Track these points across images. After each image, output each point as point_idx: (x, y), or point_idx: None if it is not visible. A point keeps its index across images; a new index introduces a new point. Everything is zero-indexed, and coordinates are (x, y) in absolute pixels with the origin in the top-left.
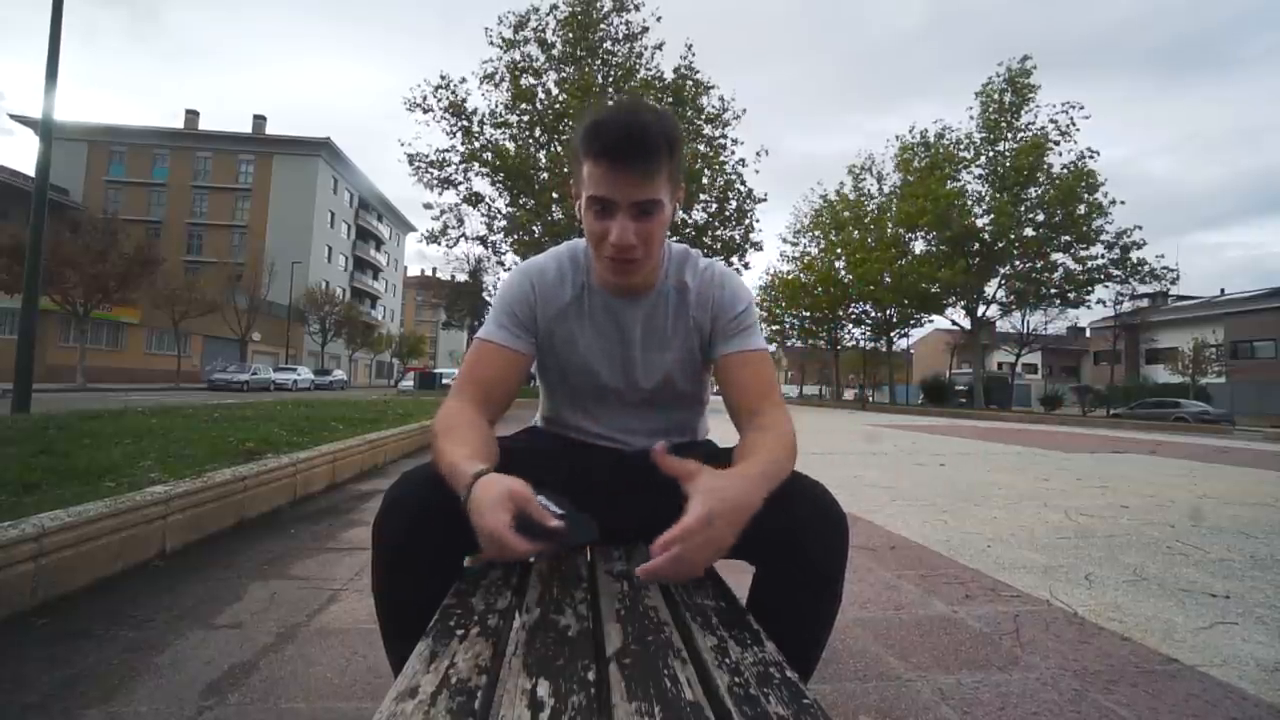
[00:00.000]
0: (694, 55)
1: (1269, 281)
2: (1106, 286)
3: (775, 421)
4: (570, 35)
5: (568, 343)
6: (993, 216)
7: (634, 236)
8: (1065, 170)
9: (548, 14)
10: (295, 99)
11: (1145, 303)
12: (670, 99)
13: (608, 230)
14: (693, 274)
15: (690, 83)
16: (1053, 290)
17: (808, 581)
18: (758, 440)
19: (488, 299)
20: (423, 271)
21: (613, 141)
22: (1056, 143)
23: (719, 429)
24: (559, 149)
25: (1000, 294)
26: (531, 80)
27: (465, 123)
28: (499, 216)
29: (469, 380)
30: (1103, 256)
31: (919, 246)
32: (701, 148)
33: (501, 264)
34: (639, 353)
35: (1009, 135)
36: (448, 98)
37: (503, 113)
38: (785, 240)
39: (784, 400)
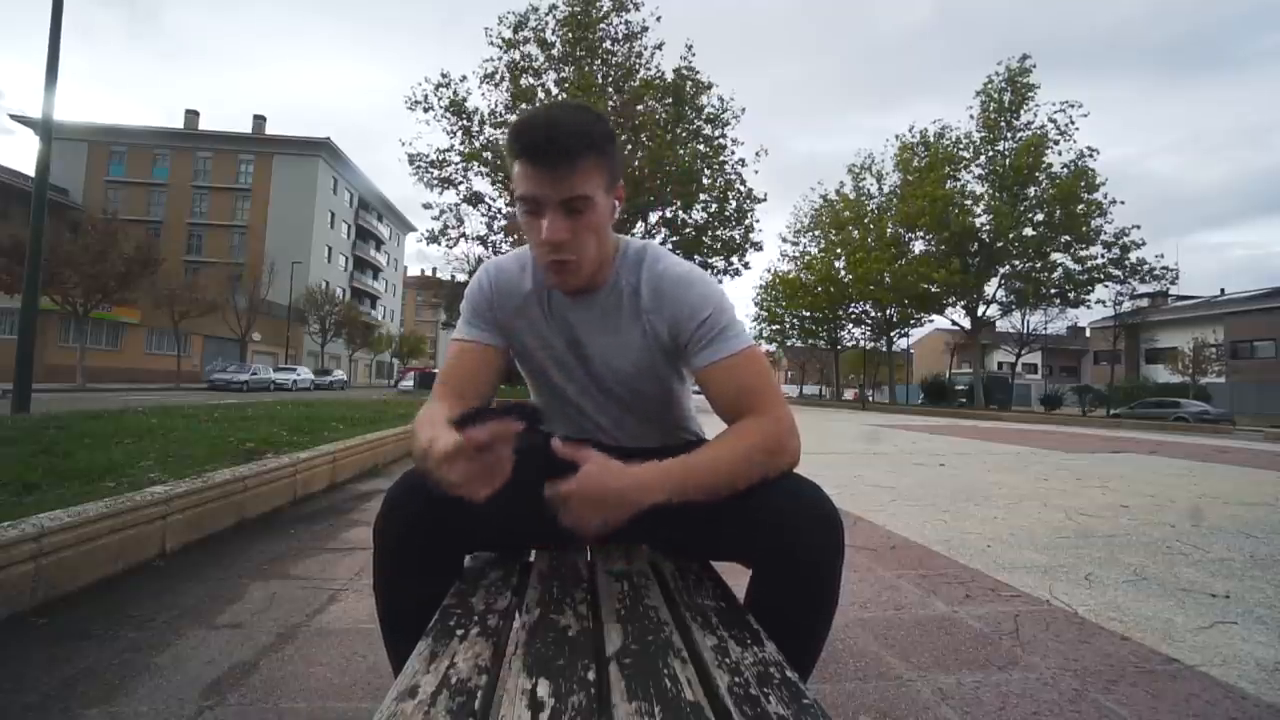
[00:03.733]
0: (694, 55)
1: (1272, 281)
2: (1106, 286)
3: (759, 418)
4: (570, 35)
5: (527, 341)
6: (992, 216)
7: (565, 233)
8: (1064, 170)
9: (547, 14)
10: (295, 99)
11: (1145, 303)
12: (670, 99)
13: (540, 229)
14: (649, 275)
15: (690, 83)
16: (1052, 290)
17: (803, 583)
18: (717, 438)
19: None
20: (423, 271)
21: (532, 140)
22: (1056, 142)
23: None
24: None
25: (1000, 294)
26: (531, 80)
27: (465, 122)
28: (499, 216)
29: (442, 382)
30: (1102, 256)
31: (919, 246)
32: (701, 148)
33: None
34: (593, 353)
35: (1008, 135)
36: (448, 96)
37: (503, 112)
38: (785, 240)
39: (779, 394)
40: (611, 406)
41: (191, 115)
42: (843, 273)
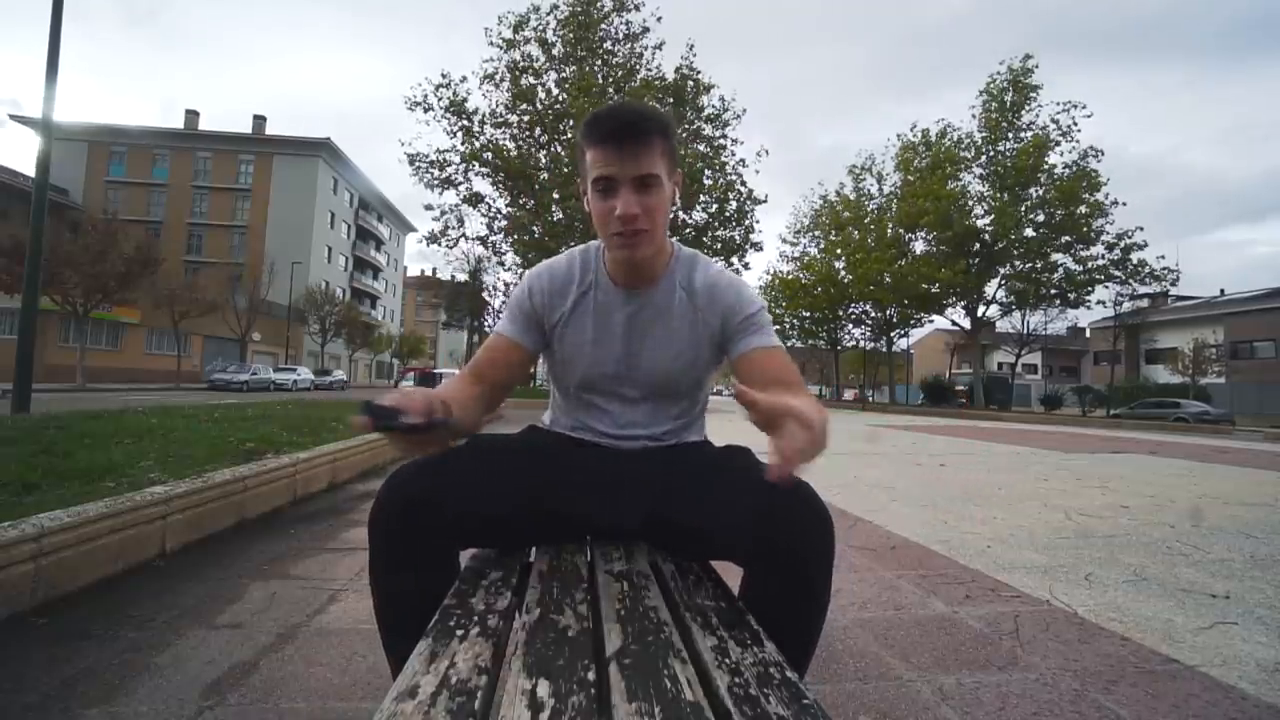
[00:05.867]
0: (695, 55)
1: None
2: (1107, 287)
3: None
4: (570, 35)
5: (572, 336)
6: (993, 217)
7: (637, 207)
8: (1065, 170)
9: (548, 14)
10: (296, 98)
11: (1145, 303)
12: (670, 99)
13: (612, 207)
14: (702, 276)
15: (691, 83)
16: (1053, 290)
17: (795, 578)
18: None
19: (488, 299)
20: (423, 271)
21: (609, 126)
22: (1057, 143)
23: (719, 428)
24: (559, 149)
25: (1000, 294)
26: (532, 80)
27: (466, 122)
28: (499, 216)
29: (472, 361)
30: (1103, 257)
31: (919, 247)
32: (702, 148)
33: (501, 264)
34: (643, 346)
35: (1010, 135)
36: (448, 97)
37: (503, 113)
38: (785, 240)
39: None
40: (643, 398)
41: (191, 115)
42: (842, 273)
